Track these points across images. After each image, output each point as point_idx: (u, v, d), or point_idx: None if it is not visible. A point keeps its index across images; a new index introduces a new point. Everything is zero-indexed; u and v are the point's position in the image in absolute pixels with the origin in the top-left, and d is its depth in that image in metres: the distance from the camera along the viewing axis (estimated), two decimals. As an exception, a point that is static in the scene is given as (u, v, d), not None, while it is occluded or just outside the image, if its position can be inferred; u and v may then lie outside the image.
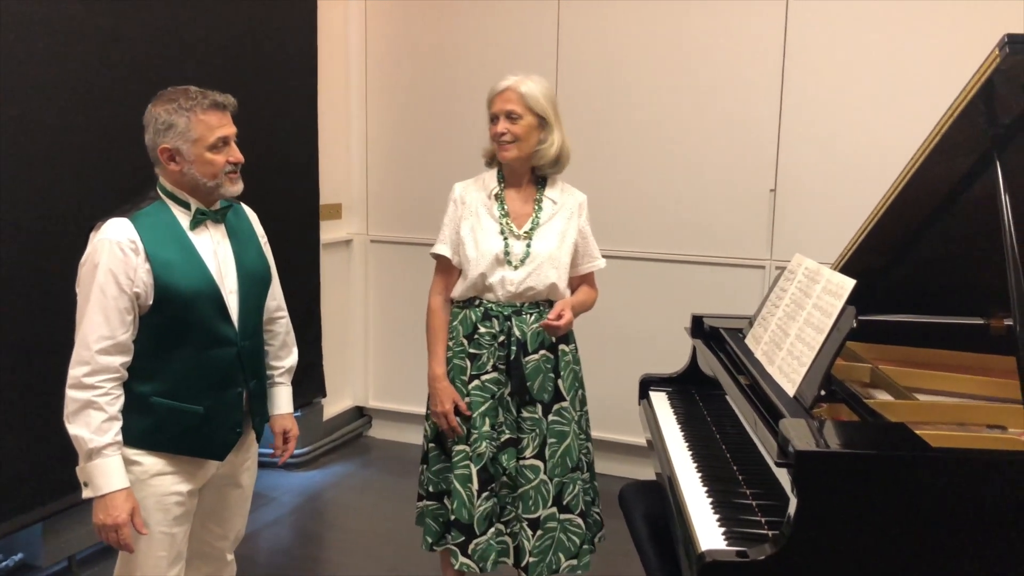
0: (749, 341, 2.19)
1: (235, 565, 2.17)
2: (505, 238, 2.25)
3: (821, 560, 1.43)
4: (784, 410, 1.67)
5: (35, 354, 2.54)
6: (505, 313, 2.25)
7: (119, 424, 1.77)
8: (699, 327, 2.48)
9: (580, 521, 2.29)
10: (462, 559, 2.22)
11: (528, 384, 2.24)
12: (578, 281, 2.40)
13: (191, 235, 1.85)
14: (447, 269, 2.34)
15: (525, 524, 2.23)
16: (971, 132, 1.74)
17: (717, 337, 2.38)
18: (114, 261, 1.74)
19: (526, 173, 2.30)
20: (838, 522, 1.42)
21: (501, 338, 2.24)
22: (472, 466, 2.23)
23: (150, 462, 1.84)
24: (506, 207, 2.28)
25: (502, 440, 2.25)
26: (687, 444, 2.08)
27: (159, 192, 1.87)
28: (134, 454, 1.81)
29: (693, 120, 3.57)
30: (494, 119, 2.24)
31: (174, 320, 1.81)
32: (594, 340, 3.81)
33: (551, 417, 2.27)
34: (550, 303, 2.28)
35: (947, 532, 1.42)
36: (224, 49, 3.24)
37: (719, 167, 3.54)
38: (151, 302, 1.79)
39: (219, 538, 2.07)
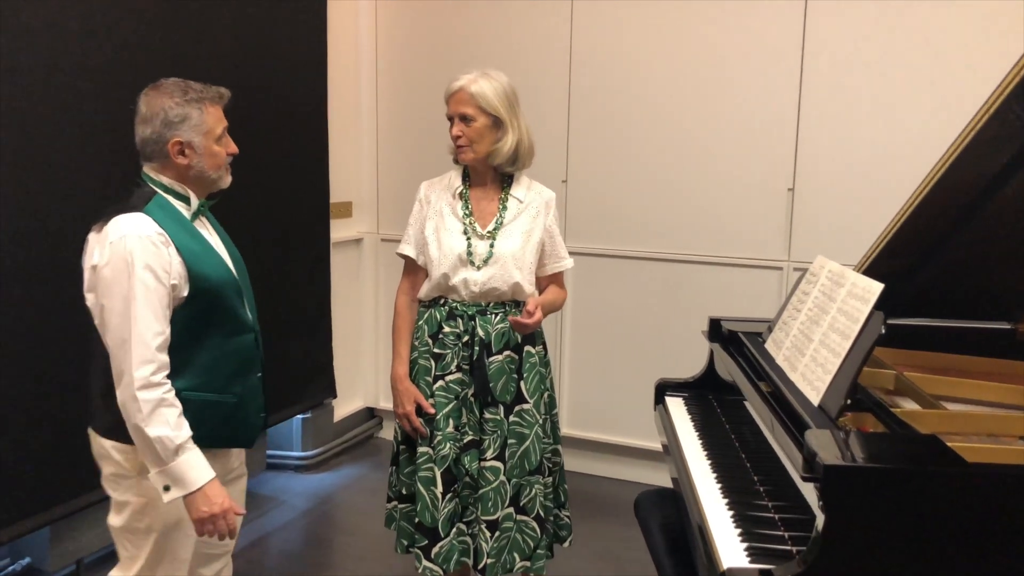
0: (769, 346, 2.13)
1: (231, 563, 2.12)
2: (468, 238, 2.22)
3: (850, 579, 1.37)
4: (809, 420, 1.61)
5: (40, 357, 2.51)
6: (470, 313, 2.22)
7: (185, 419, 1.74)
8: (717, 330, 2.42)
9: (536, 525, 2.27)
10: (425, 563, 2.21)
11: (491, 385, 2.22)
12: (546, 282, 2.36)
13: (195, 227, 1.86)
14: (413, 269, 2.33)
15: (484, 526, 2.22)
16: (1006, 130, 1.67)
17: (735, 341, 2.32)
18: (149, 255, 1.70)
19: (489, 171, 2.28)
20: (868, 540, 1.36)
21: (465, 338, 2.22)
22: (436, 468, 2.21)
23: None
24: (470, 206, 2.26)
25: (464, 442, 2.23)
26: (706, 453, 2.02)
27: (153, 187, 1.82)
28: None
29: (709, 117, 3.50)
30: (451, 119, 2.23)
31: (205, 310, 1.80)
32: (607, 343, 3.76)
33: (511, 418, 2.24)
34: (516, 303, 2.25)
35: (984, 553, 1.35)
36: (233, 46, 3.20)
37: (736, 166, 3.47)
38: (185, 294, 1.77)
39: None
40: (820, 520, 1.37)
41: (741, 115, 3.44)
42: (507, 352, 2.24)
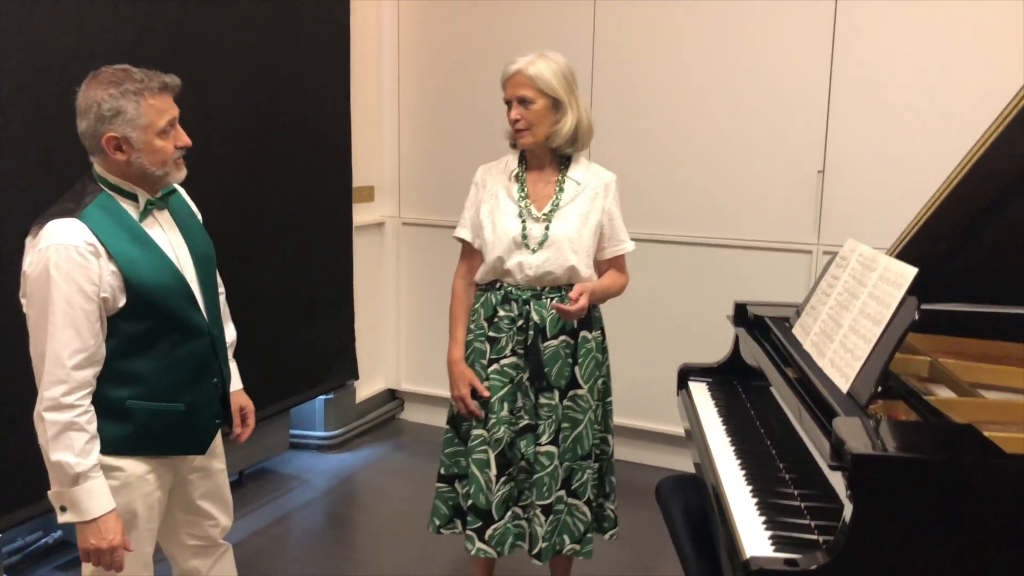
0: (797, 331, 2.07)
1: (231, 549, 2.09)
2: (523, 221, 2.19)
3: (878, 572, 1.32)
4: (837, 407, 1.56)
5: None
6: (524, 297, 2.19)
7: (98, 443, 1.67)
8: (742, 315, 2.36)
9: (586, 509, 2.26)
10: (479, 544, 2.20)
11: (546, 370, 2.19)
12: (606, 265, 2.31)
13: (143, 228, 1.73)
14: (470, 253, 2.31)
15: (539, 510, 2.20)
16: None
17: (762, 326, 2.26)
18: (74, 268, 1.60)
19: (547, 154, 2.23)
20: (898, 532, 1.31)
21: (520, 322, 2.20)
22: (490, 451, 2.20)
23: (131, 466, 1.75)
24: (526, 189, 2.22)
25: (520, 426, 2.21)
26: (730, 439, 1.98)
27: (100, 185, 1.71)
28: (114, 461, 1.72)
29: (736, 98, 3.41)
30: (508, 103, 2.17)
31: (149, 319, 1.71)
32: (631, 326, 3.71)
33: (565, 403, 2.22)
34: (572, 287, 2.19)
35: (1020, 547, 1.30)
36: (256, 32, 3.18)
37: (764, 147, 3.39)
38: (121, 305, 1.67)
39: (212, 526, 2.00)
40: (848, 510, 1.32)
41: (770, 96, 3.35)
42: (563, 337, 2.20)
